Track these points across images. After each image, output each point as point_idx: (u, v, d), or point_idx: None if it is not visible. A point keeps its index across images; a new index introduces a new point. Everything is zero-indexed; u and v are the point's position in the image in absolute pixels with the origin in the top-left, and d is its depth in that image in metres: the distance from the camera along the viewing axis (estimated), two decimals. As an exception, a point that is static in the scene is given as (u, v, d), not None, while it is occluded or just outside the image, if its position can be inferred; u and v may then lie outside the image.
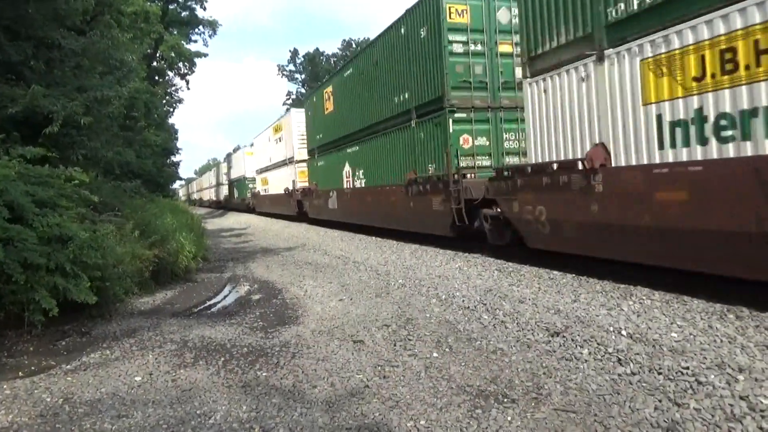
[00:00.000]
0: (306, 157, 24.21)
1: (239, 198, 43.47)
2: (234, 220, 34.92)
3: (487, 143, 11.61)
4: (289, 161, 26.39)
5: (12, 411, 4.33)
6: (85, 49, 10.82)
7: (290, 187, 25.95)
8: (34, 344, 6.12)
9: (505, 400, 4.03)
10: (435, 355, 5.13)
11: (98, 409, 4.31)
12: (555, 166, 8.08)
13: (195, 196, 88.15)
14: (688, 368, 4.13)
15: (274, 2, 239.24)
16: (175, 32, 37.71)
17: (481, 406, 3.94)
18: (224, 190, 53.01)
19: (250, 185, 38.59)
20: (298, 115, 25.37)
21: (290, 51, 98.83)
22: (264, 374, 4.91)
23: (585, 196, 7.40)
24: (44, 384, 4.91)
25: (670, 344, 4.66)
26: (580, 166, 7.46)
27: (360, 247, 13.64)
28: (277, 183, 29.09)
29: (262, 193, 34.16)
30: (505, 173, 9.54)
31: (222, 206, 54.01)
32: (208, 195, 68.27)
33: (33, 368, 5.43)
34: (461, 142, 11.39)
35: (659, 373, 4.15)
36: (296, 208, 25.11)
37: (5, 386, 4.87)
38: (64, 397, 4.59)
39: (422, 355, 5.13)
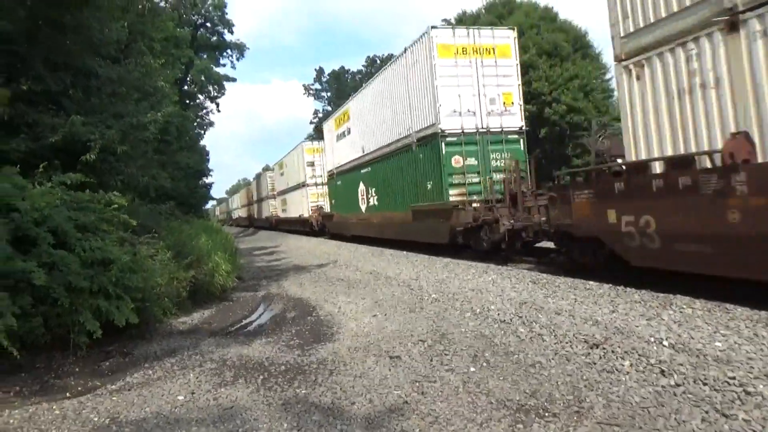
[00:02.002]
0: None
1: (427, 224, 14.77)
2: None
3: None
4: None
5: (62, 431, 4.47)
6: (121, 77, 11.19)
7: None
8: (79, 365, 6.30)
9: (546, 414, 3.99)
10: (472, 369, 5.11)
11: (144, 428, 4.40)
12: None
13: (239, 214, 63.09)
14: (734, 378, 4.03)
15: (299, 22, 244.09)
16: (205, 56, 38.70)
17: (522, 421, 3.90)
18: (306, 197, 29.12)
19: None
20: None
21: (316, 70, 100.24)
22: (303, 391, 4.96)
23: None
24: (91, 404, 5.04)
25: (715, 354, 4.55)
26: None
27: (391, 263, 13.65)
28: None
29: None
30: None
31: (313, 229, 28.38)
32: (269, 209, 42.12)
33: (79, 389, 5.59)
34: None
35: (704, 384, 4.05)
36: None
37: (54, 407, 5.02)
38: (110, 417, 4.70)
39: (459, 370, 5.11)
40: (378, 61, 72.91)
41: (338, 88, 77.47)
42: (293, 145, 27.88)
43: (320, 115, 78.33)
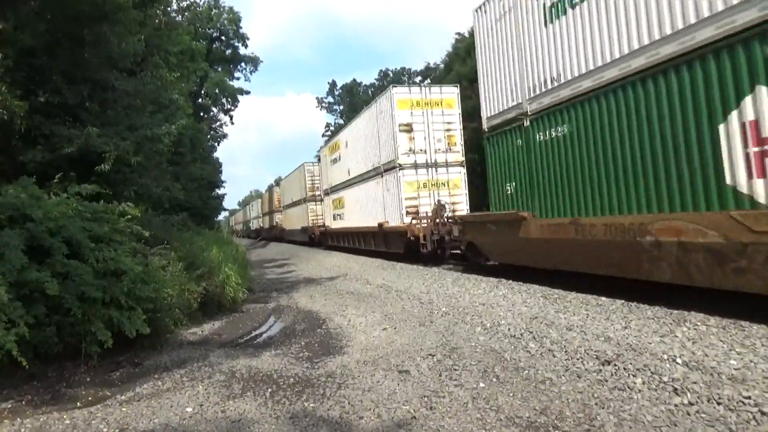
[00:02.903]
0: None
1: None
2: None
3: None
4: None
5: (71, 441, 4.48)
6: (137, 90, 11.36)
7: None
8: (90, 375, 6.34)
9: (557, 431, 3.93)
10: (482, 385, 5.07)
11: (152, 439, 4.41)
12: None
13: (259, 224, 52.35)
14: (749, 398, 3.96)
15: (313, 36, 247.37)
16: (219, 69, 39.19)
17: (532, 438, 3.86)
18: (396, 189, 16.30)
19: None
20: None
21: (329, 83, 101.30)
22: (311, 405, 4.94)
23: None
24: (101, 414, 5.06)
25: (729, 372, 4.47)
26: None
27: (402, 276, 13.62)
28: None
29: None
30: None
31: (417, 250, 15.09)
32: (308, 217, 30.20)
33: (90, 399, 5.61)
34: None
35: (719, 403, 3.99)
36: None
37: (65, 416, 5.04)
38: (119, 427, 4.72)
39: (469, 386, 5.07)
40: (391, 75, 73.40)
41: (351, 101, 77.96)
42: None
43: (332, 128, 78.80)
